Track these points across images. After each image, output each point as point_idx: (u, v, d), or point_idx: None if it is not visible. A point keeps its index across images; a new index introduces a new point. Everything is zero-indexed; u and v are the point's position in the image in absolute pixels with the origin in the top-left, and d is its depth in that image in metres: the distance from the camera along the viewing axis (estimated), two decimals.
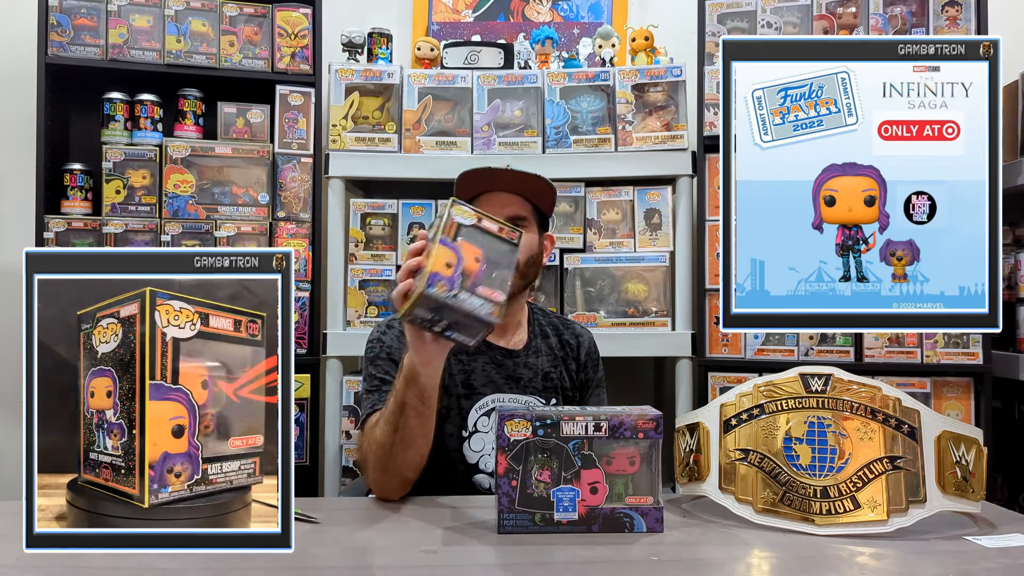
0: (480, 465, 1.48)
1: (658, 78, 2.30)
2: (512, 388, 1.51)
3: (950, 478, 1.12)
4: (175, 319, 0.79)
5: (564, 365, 1.59)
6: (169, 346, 0.79)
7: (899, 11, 2.22)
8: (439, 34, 2.74)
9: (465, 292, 1.09)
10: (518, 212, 1.52)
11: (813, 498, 1.14)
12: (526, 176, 1.51)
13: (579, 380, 1.62)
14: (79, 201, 2.24)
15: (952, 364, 2.13)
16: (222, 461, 0.81)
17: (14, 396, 2.58)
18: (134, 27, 2.24)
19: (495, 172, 1.51)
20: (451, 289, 1.09)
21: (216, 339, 0.80)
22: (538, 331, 1.61)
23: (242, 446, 0.81)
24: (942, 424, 1.15)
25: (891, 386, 1.17)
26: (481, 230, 1.14)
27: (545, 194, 1.56)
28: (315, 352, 2.29)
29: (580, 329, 1.68)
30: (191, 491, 0.79)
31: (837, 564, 1.02)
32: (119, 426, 0.78)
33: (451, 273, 1.09)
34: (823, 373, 1.19)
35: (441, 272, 1.09)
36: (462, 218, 1.13)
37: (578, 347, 1.63)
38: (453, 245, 1.11)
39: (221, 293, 0.81)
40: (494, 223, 1.15)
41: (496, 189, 1.52)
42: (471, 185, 1.52)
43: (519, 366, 1.54)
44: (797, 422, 1.18)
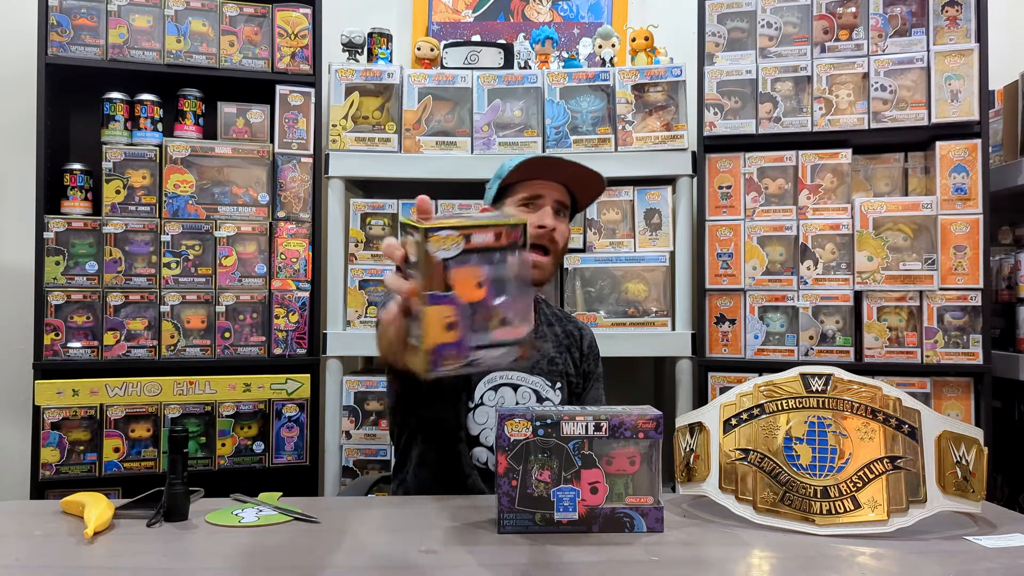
0: (481, 438, 1.49)
1: (658, 78, 2.30)
2: (520, 367, 1.52)
3: (950, 478, 1.12)
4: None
5: (569, 353, 1.61)
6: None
7: (899, 11, 2.22)
8: (439, 34, 2.74)
9: (482, 350, 0.87)
10: (562, 199, 1.55)
11: (813, 498, 1.14)
12: (587, 172, 1.53)
13: (582, 369, 1.64)
14: (79, 201, 2.24)
15: (952, 364, 2.13)
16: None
17: (15, 396, 2.59)
18: (134, 27, 2.24)
19: (556, 161, 1.51)
20: (462, 353, 0.86)
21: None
22: (543, 319, 1.63)
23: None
24: (942, 424, 1.15)
25: (891, 386, 1.17)
26: (475, 249, 0.87)
27: (593, 192, 1.60)
28: (315, 352, 2.29)
29: (582, 323, 1.72)
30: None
31: (837, 564, 1.02)
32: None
33: (455, 336, 0.86)
34: (823, 373, 1.19)
35: (444, 340, 0.86)
36: (444, 251, 0.86)
37: (581, 338, 1.67)
38: (446, 296, 0.86)
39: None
40: (488, 231, 0.88)
41: (549, 178, 1.54)
42: (525, 170, 1.52)
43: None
44: (797, 422, 1.18)
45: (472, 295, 0.86)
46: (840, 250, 2.21)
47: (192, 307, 2.24)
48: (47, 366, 2.15)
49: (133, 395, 2.16)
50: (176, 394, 2.18)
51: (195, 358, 2.23)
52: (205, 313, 2.24)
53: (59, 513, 1.21)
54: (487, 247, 0.87)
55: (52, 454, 2.11)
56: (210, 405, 2.21)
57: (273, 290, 2.28)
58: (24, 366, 2.23)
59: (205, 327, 2.24)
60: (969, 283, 2.13)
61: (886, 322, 2.17)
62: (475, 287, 0.87)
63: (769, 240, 2.24)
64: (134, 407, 2.16)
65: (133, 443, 2.17)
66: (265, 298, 2.28)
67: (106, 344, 2.18)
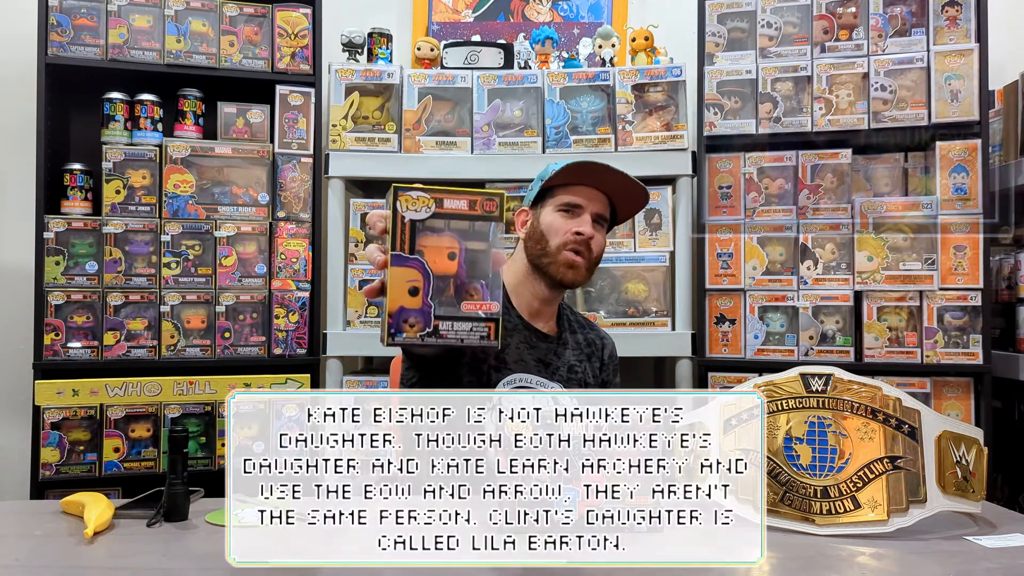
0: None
1: (658, 78, 2.30)
2: (541, 372, 1.49)
3: (950, 478, 1.12)
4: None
5: (589, 362, 1.60)
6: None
7: (899, 11, 2.22)
8: (439, 34, 2.74)
9: (448, 321, 0.83)
10: (602, 212, 1.50)
11: (813, 498, 1.14)
12: (635, 184, 1.48)
13: (601, 379, 1.62)
14: (79, 201, 2.24)
15: (952, 364, 2.13)
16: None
17: (15, 396, 2.58)
18: (134, 27, 2.24)
19: (605, 169, 1.45)
20: (425, 324, 0.83)
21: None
22: (567, 326, 1.61)
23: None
24: (942, 424, 1.15)
25: (891, 386, 1.17)
26: (446, 215, 0.84)
27: (636, 205, 1.56)
28: (315, 352, 2.29)
29: (604, 332, 1.69)
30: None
31: (837, 564, 1.02)
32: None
33: (419, 302, 0.83)
34: (823, 373, 1.19)
35: (406, 304, 0.82)
36: (413, 212, 0.83)
37: (603, 348, 1.64)
38: (412, 257, 0.83)
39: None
40: (462, 198, 0.84)
41: (594, 185, 1.49)
42: (571, 174, 1.48)
43: (550, 352, 1.53)
44: (797, 422, 1.18)
45: (443, 267, 0.84)
46: (840, 250, 2.21)
47: (192, 307, 2.24)
48: (47, 366, 2.15)
49: (133, 395, 2.16)
50: (176, 394, 2.18)
51: (195, 358, 2.23)
52: (205, 313, 2.24)
53: (59, 513, 1.21)
54: (460, 214, 0.84)
55: (52, 454, 2.11)
56: (210, 405, 2.20)
57: (273, 290, 2.28)
58: (24, 366, 2.23)
59: (205, 327, 2.24)
60: (969, 283, 2.13)
61: (886, 322, 2.17)
62: (446, 258, 0.84)
63: (769, 240, 2.24)
64: (134, 407, 2.16)
65: (133, 443, 2.17)
66: (265, 298, 2.28)
67: (106, 344, 2.18)
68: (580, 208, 1.48)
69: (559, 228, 1.46)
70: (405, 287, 0.83)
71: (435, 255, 0.83)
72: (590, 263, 1.49)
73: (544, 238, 1.48)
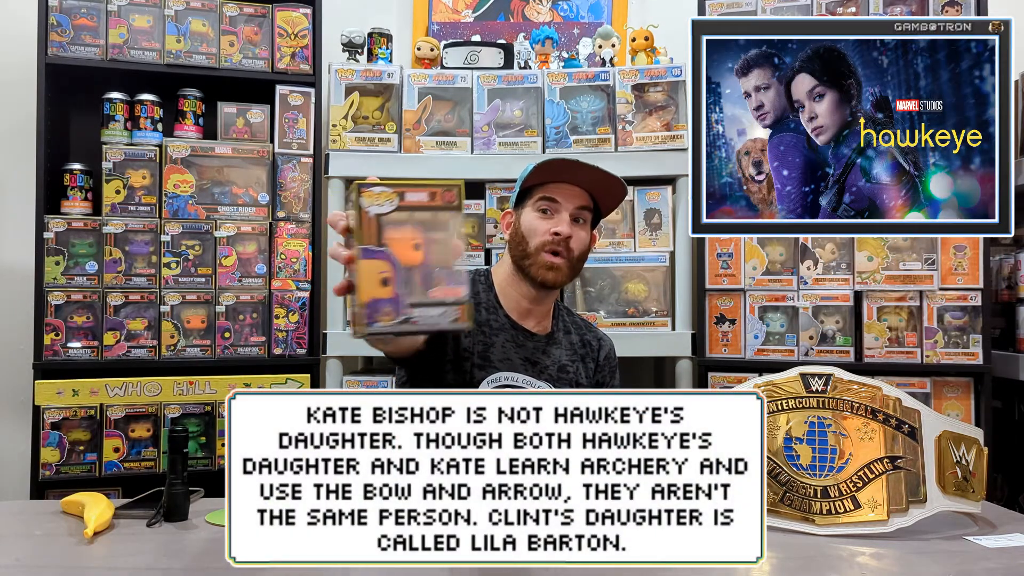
0: None
1: (658, 78, 2.30)
2: (528, 371, 1.50)
3: (950, 478, 1.12)
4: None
5: (583, 363, 1.60)
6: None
7: (899, 11, 2.22)
8: (439, 34, 2.74)
9: (419, 308, 0.87)
10: (582, 206, 1.52)
11: (813, 498, 1.14)
12: (608, 177, 1.49)
13: (595, 380, 1.62)
14: (79, 201, 2.24)
15: (952, 364, 2.13)
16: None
17: (15, 396, 2.58)
18: (134, 27, 2.24)
19: (577, 165, 1.48)
20: (398, 312, 0.87)
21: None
22: (561, 326, 1.61)
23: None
24: (942, 424, 1.15)
25: (891, 386, 1.17)
26: (409, 207, 0.88)
27: (615, 198, 1.57)
28: (315, 352, 2.29)
29: (603, 334, 1.69)
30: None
31: (837, 564, 1.02)
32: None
33: (391, 292, 0.87)
34: (823, 373, 1.19)
35: (378, 295, 0.86)
36: (378, 207, 0.88)
37: (599, 348, 1.64)
38: (380, 250, 0.87)
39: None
40: (423, 190, 0.89)
41: (570, 182, 1.50)
42: (546, 172, 1.49)
43: (538, 351, 1.53)
44: (797, 422, 1.18)
45: (409, 257, 0.88)
46: (840, 250, 2.21)
47: (192, 307, 2.24)
48: (47, 366, 2.15)
49: (133, 395, 2.16)
50: (176, 394, 2.18)
51: (195, 358, 2.23)
52: (205, 313, 2.24)
53: (59, 513, 1.21)
54: (421, 206, 0.88)
55: (52, 454, 2.11)
56: (210, 405, 2.20)
57: (273, 290, 2.28)
58: (24, 366, 2.23)
59: (205, 327, 2.24)
60: (969, 283, 2.13)
61: (886, 322, 2.17)
62: (412, 249, 0.88)
63: (769, 240, 2.24)
64: (134, 407, 2.16)
65: (133, 443, 2.17)
66: (265, 298, 2.28)
67: (106, 344, 2.18)
68: (557, 204, 1.50)
69: (537, 229, 1.49)
70: (377, 279, 0.86)
71: (401, 246, 0.87)
72: (571, 262, 1.51)
73: (525, 239, 1.50)
